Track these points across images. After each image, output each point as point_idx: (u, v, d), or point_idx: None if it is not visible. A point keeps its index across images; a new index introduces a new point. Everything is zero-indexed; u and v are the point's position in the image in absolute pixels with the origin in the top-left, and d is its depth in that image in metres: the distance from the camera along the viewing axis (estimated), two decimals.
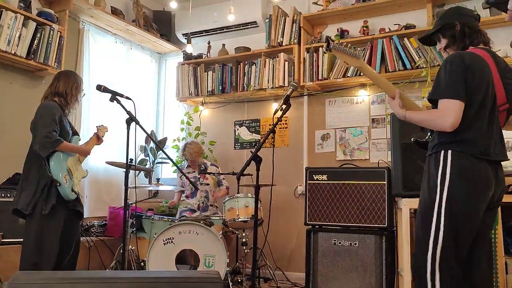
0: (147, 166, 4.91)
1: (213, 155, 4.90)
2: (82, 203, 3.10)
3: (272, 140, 4.45)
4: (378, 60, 4.05)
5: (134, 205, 3.53)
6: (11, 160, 3.67)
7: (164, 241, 3.46)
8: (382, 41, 4.05)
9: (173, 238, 3.47)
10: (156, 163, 5.10)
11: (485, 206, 1.91)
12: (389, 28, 4.21)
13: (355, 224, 3.44)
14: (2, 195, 3.34)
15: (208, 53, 5.07)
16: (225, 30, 4.94)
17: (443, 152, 1.92)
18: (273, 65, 4.56)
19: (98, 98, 4.26)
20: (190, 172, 4.45)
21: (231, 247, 4.14)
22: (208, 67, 5.00)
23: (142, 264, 3.59)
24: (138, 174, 4.81)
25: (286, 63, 4.49)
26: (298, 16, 4.49)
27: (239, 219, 3.76)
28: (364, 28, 4.29)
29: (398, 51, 3.96)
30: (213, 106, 5.09)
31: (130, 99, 2.98)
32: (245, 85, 4.73)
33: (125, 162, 2.96)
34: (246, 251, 3.81)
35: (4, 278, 3.10)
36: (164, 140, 5.15)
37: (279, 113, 2.62)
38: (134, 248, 3.72)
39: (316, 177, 3.64)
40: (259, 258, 3.97)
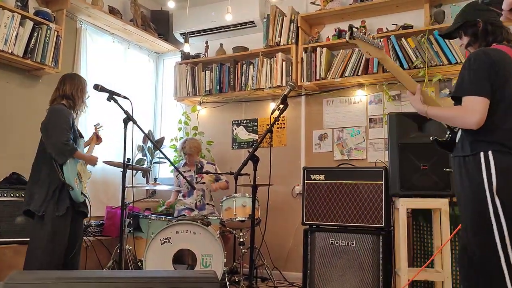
0: (145, 166, 4.90)
1: (210, 154, 4.90)
2: (87, 203, 3.15)
3: (270, 139, 4.46)
4: (376, 60, 4.05)
5: (131, 204, 3.53)
6: (8, 159, 3.67)
7: (161, 240, 3.46)
8: None
9: (170, 238, 3.47)
10: (154, 163, 5.09)
11: None
12: (386, 28, 4.21)
13: (352, 224, 3.45)
14: None
15: (206, 53, 5.07)
16: (222, 29, 4.94)
17: (482, 153, 1.85)
18: (270, 65, 4.56)
19: (95, 98, 4.22)
20: (186, 171, 4.45)
21: (228, 247, 4.14)
22: (205, 67, 4.99)
23: (139, 263, 3.59)
24: (136, 173, 4.80)
25: (284, 63, 4.49)
26: (296, 16, 4.48)
27: (237, 219, 3.76)
28: (362, 28, 4.29)
29: (396, 51, 3.96)
30: (210, 106, 5.09)
31: (128, 98, 3.01)
32: (242, 85, 4.72)
33: (122, 161, 2.98)
34: (243, 251, 3.81)
35: (0, 277, 3.09)
36: (161, 140, 5.14)
37: (277, 113, 2.63)
38: (131, 247, 3.71)
39: (314, 177, 3.65)
40: (256, 257, 3.98)
